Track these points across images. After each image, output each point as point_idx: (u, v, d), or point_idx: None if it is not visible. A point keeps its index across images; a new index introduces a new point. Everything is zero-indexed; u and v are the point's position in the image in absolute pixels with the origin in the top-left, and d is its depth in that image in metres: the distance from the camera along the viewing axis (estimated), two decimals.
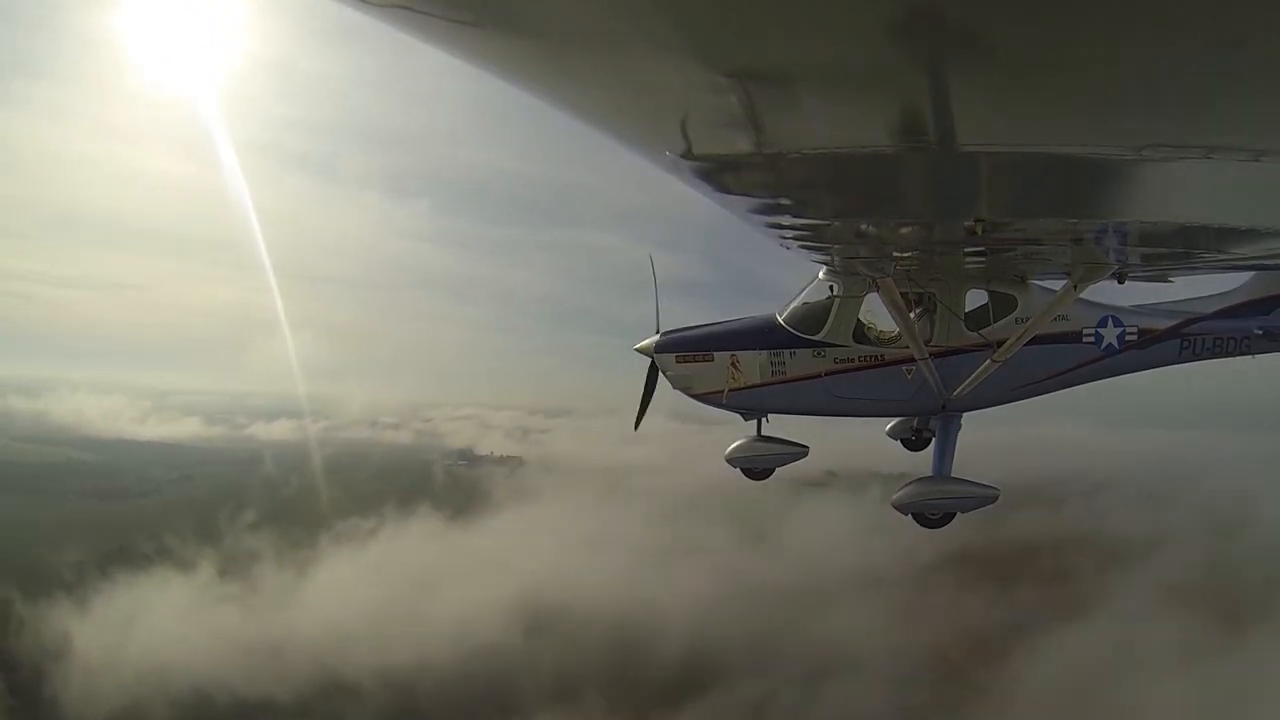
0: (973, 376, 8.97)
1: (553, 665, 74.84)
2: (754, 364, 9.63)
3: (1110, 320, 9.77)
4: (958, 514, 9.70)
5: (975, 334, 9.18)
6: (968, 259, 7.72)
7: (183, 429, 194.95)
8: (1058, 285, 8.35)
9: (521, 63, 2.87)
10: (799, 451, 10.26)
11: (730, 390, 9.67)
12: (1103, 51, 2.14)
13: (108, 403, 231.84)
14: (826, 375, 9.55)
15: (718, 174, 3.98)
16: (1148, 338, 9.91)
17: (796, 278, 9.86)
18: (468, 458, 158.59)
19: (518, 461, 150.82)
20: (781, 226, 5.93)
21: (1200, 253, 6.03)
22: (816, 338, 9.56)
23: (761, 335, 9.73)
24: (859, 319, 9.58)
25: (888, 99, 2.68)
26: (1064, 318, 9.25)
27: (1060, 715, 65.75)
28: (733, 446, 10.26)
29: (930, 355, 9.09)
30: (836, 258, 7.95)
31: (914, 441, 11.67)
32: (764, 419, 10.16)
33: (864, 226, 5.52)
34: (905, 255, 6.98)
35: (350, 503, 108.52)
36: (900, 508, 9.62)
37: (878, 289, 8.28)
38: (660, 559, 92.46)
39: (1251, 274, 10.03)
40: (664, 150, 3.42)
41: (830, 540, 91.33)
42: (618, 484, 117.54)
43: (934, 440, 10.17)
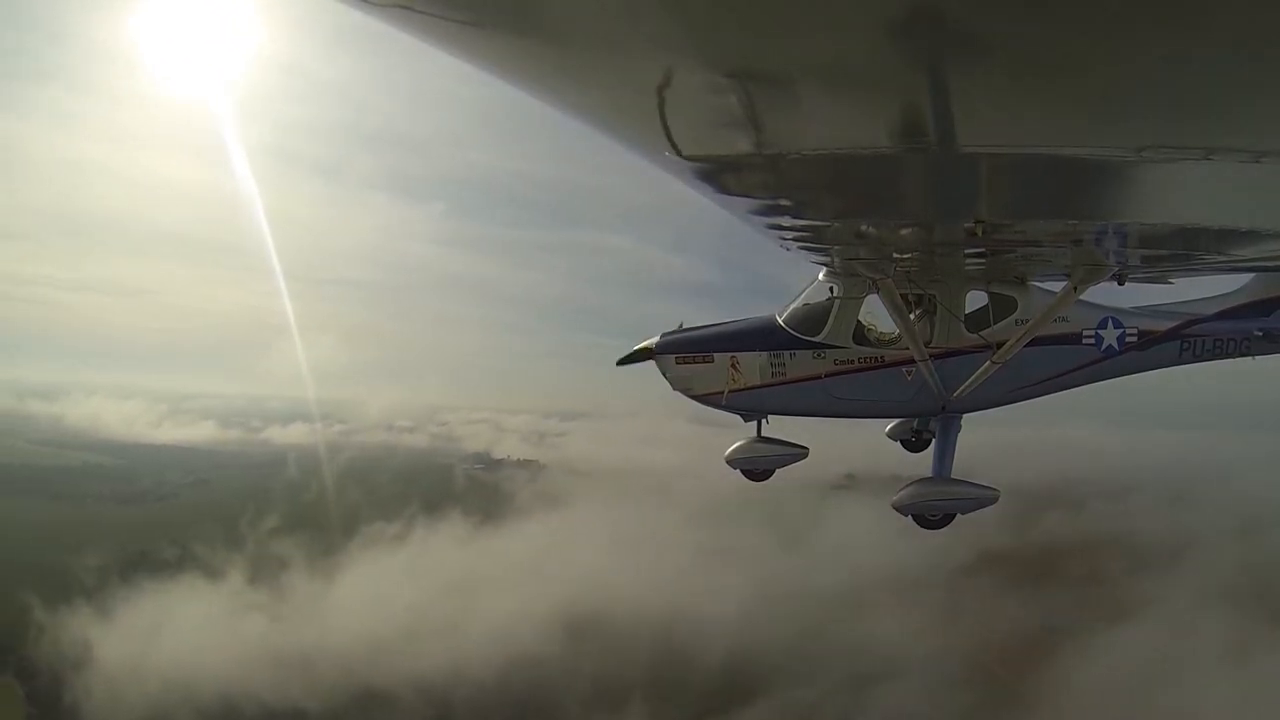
0: (973, 378, 8.97)
1: (593, 672, 72.96)
2: (754, 365, 9.62)
3: (1110, 322, 9.76)
4: (958, 515, 9.68)
5: (975, 335, 9.16)
6: (968, 260, 7.72)
7: (198, 432, 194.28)
8: (1058, 287, 8.34)
9: (521, 63, 2.87)
10: (799, 453, 10.23)
11: (730, 391, 9.66)
12: (1103, 52, 2.14)
13: (124, 407, 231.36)
14: (826, 376, 9.55)
15: (718, 175, 3.98)
16: (1148, 339, 9.90)
17: (802, 279, 9.85)
18: (485, 461, 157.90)
19: (537, 465, 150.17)
20: (782, 228, 5.94)
21: (1200, 254, 6.03)
22: (816, 339, 9.55)
23: (761, 336, 9.72)
24: (859, 320, 9.57)
25: (888, 100, 2.68)
26: (1064, 319, 9.23)
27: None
28: (733, 448, 10.24)
29: (930, 356, 9.08)
30: (836, 259, 7.93)
31: (914, 443, 11.64)
32: (764, 420, 10.14)
33: (864, 227, 5.52)
34: (905, 256, 6.97)
35: (372, 507, 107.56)
36: (900, 509, 9.58)
37: (878, 290, 8.28)
38: (692, 563, 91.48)
39: (1252, 275, 10.03)
40: (664, 151, 3.42)
41: (857, 543, 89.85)
42: (641, 488, 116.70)
43: (934, 441, 10.14)
